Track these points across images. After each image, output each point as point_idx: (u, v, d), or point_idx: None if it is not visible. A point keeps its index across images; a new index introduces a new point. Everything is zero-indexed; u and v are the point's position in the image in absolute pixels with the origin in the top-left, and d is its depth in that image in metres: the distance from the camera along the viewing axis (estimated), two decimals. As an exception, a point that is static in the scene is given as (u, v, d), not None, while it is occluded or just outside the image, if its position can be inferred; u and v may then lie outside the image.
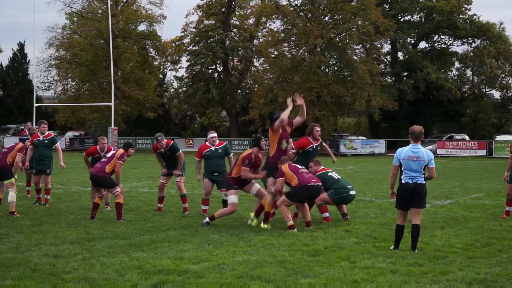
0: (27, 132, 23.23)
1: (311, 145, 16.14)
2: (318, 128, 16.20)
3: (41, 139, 19.57)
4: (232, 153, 17.83)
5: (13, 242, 12.95)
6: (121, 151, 16.29)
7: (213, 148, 17.58)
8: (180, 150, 18.25)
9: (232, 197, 15.29)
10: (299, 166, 14.97)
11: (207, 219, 15.40)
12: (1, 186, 17.28)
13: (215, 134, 17.90)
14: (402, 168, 12.13)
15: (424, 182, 12.11)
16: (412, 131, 12.29)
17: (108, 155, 16.45)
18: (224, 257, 11.53)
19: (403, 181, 12.13)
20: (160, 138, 17.76)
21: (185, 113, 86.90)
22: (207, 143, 17.87)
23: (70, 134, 72.95)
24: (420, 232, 12.28)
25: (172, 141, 18.26)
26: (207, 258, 11.40)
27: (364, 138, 67.00)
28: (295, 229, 14.25)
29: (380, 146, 61.32)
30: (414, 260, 11.23)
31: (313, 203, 15.76)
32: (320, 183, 14.89)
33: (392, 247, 12.34)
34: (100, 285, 9.61)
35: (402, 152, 12.22)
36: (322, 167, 16.17)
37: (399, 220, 12.35)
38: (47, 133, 19.90)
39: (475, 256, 11.67)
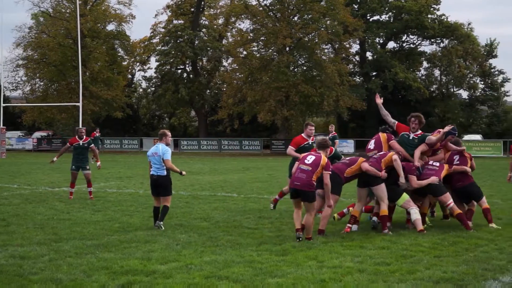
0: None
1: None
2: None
3: (80, 144, 21.20)
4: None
5: (-22, 243, 12.81)
6: None
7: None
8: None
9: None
10: None
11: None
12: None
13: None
14: (151, 163, 15.05)
15: (165, 174, 14.90)
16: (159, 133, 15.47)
17: None
18: (192, 257, 11.50)
19: (151, 173, 15.02)
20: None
21: (154, 113, 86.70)
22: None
23: (37, 134, 72.79)
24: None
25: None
26: (175, 258, 11.36)
27: (332, 137, 67.05)
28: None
29: (348, 146, 61.43)
30: (381, 259, 11.27)
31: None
32: None
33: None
34: (67, 286, 9.53)
35: (149, 150, 15.15)
36: None
37: (155, 203, 15.17)
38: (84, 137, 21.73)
39: (442, 255, 11.73)
